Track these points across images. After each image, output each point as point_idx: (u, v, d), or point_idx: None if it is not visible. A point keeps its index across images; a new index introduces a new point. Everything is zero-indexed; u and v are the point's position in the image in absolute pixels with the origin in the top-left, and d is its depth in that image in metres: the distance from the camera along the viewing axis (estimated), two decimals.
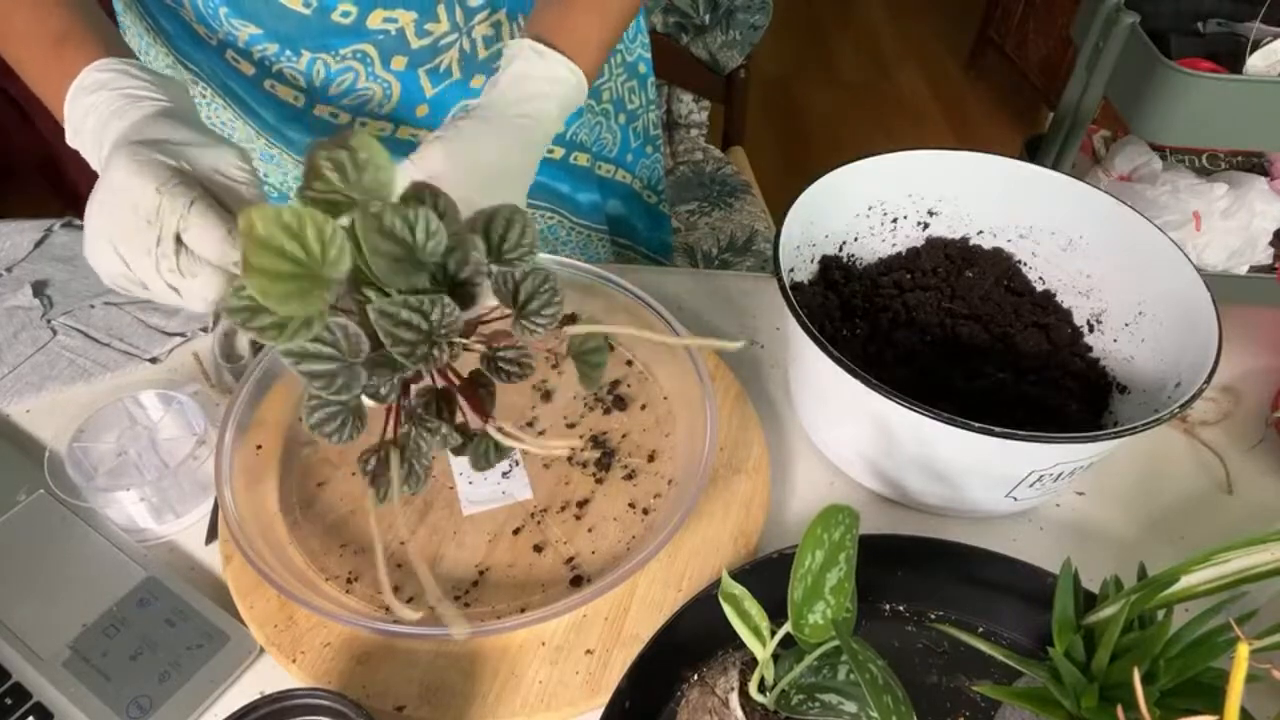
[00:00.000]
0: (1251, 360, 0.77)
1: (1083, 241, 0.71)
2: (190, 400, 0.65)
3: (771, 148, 2.44)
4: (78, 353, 0.73)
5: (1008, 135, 2.52)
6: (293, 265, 0.34)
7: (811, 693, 0.45)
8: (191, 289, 0.48)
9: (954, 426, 0.53)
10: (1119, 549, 0.65)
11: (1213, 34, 1.48)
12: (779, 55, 2.77)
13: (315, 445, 0.67)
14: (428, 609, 0.58)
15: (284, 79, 0.76)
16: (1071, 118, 1.60)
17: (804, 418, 0.70)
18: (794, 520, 0.65)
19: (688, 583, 0.59)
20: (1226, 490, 0.68)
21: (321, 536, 0.61)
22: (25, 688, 0.54)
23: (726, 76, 1.42)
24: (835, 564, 0.45)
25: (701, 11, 1.34)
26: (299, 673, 0.55)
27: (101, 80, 0.53)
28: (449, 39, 0.75)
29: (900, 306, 0.72)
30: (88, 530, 0.61)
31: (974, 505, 0.63)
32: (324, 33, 0.72)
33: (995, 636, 0.57)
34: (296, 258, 0.34)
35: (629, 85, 0.94)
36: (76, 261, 0.81)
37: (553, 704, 0.54)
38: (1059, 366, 0.69)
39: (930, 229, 0.76)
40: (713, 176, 1.42)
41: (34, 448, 0.67)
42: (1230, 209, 1.66)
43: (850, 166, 0.69)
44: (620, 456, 0.66)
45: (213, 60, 0.77)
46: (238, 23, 0.72)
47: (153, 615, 0.57)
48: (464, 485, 0.64)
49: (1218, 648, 0.44)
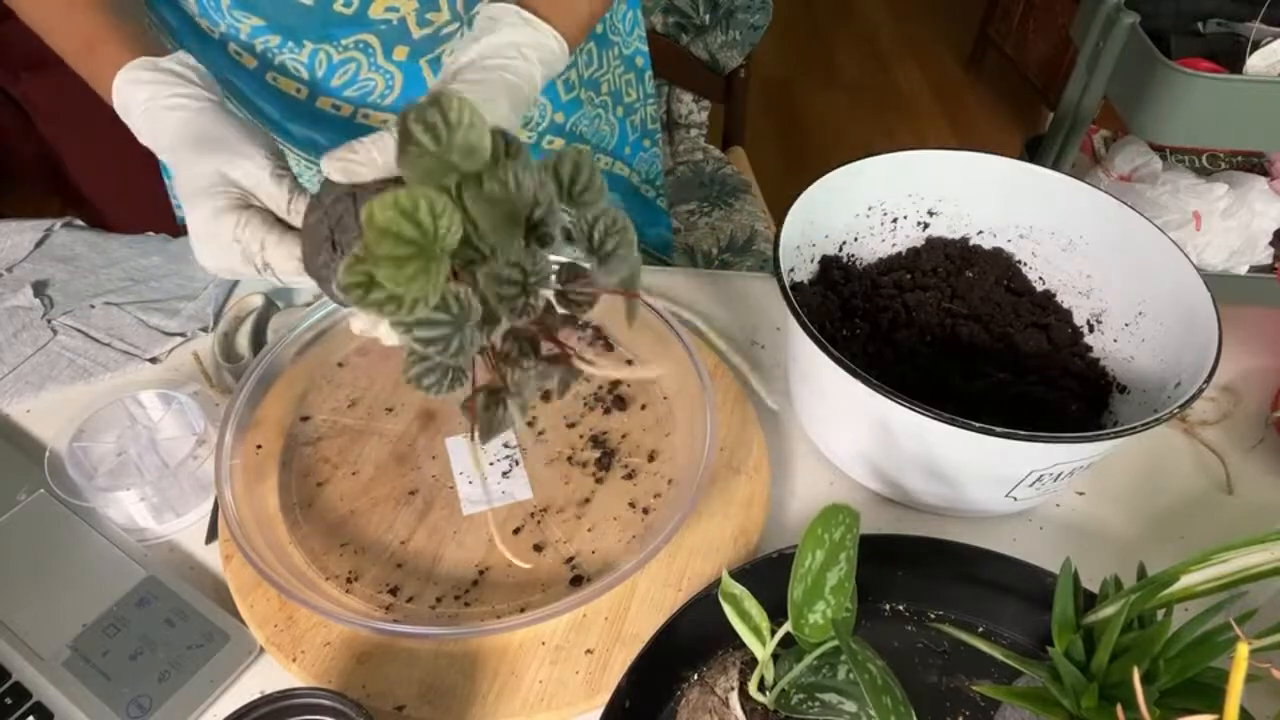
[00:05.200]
0: (1251, 360, 0.77)
1: (1083, 241, 0.71)
2: (190, 400, 0.65)
3: (771, 148, 2.44)
4: (78, 353, 0.73)
5: (1008, 135, 2.52)
6: (411, 247, 0.35)
7: (811, 692, 0.45)
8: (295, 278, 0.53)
9: (954, 426, 0.53)
10: (1119, 549, 0.65)
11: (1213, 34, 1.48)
12: (779, 55, 2.77)
13: (315, 445, 0.67)
14: (428, 610, 0.58)
15: (286, 71, 0.76)
16: (1071, 118, 1.60)
17: (804, 418, 0.70)
18: (794, 520, 0.65)
19: (688, 583, 0.59)
20: (1226, 490, 0.68)
21: (321, 536, 0.61)
22: (25, 687, 0.54)
23: (726, 76, 1.42)
24: (835, 564, 0.45)
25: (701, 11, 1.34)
26: (299, 673, 0.55)
27: (135, 78, 0.56)
28: (450, 28, 0.76)
29: (900, 306, 0.72)
30: (88, 530, 0.61)
31: (974, 505, 0.63)
32: (326, 23, 0.72)
33: (995, 636, 0.57)
34: (414, 239, 0.35)
35: (626, 78, 0.94)
36: (77, 261, 0.81)
37: (553, 704, 0.54)
38: (1059, 366, 0.69)
39: (930, 229, 0.76)
40: (713, 176, 1.42)
41: (34, 448, 0.67)
42: (1230, 209, 1.66)
43: (850, 166, 0.69)
44: (620, 456, 0.67)
45: (215, 54, 0.77)
46: (240, 15, 0.72)
47: (153, 615, 0.57)
48: (464, 485, 0.64)
49: (1217, 647, 0.44)
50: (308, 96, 0.78)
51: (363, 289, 0.35)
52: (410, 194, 0.35)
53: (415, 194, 0.35)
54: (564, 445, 0.67)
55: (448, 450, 0.67)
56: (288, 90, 0.78)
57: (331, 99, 0.78)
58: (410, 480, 0.65)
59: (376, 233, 0.34)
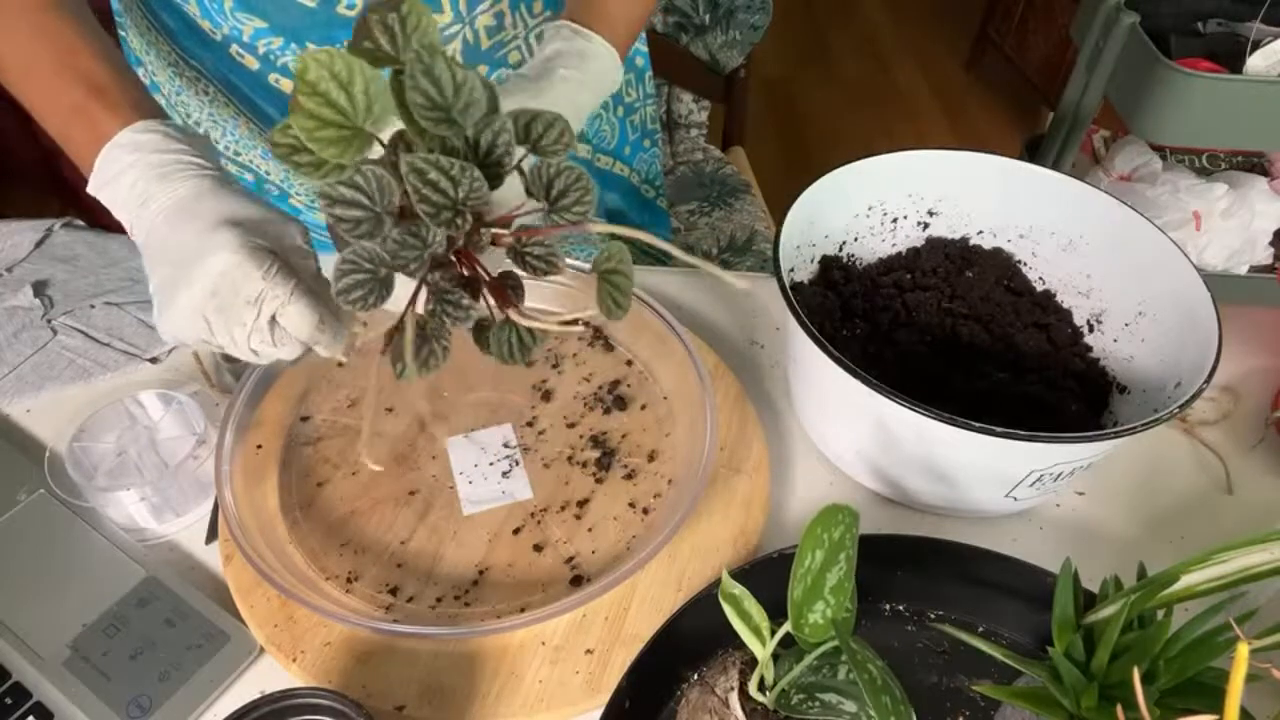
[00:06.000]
0: (1251, 360, 0.77)
1: (1083, 241, 0.71)
2: (190, 400, 0.65)
3: (771, 148, 2.44)
4: (78, 353, 0.73)
5: (1008, 135, 2.51)
6: (337, 114, 0.36)
7: (811, 692, 0.45)
8: (275, 354, 0.51)
9: (954, 426, 0.53)
10: (1119, 549, 0.65)
11: (1213, 34, 1.48)
12: (779, 55, 2.77)
13: (315, 445, 0.67)
14: (428, 610, 0.58)
15: (289, 73, 0.76)
16: (1071, 118, 1.60)
17: (804, 418, 0.70)
18: (794, 520, 0.65)
19: (688, 583, 0.59)
20: (1226, 490, 0.68)
21: (321, 536, 0.61)
22: (25, 687, 0.54)
23: (726, 76, 1.42)
24: (835, 564, 0.45)
25: (701, 11, 1.34)
26: (299, 672, 0.55)
27: (139, 142, 0.53)
28: (452, 29, 0.76)
29: (900, 306, 0.72)
30: (88, 530, 0.61)
31: (974, 505, 0.63)
32: (329, 25, 0.72)
33: (995, 636, 0.57)
34: (342, 107, 0.36)
35: (626, 78, 0.94)
36: (77, 261, 0.81)
37: (553, 704, 0.54)
38: (1059, 366, 0.69)
39: (930, 229, 0.76)
40: (713, 176, 1.42)
41: (34, 448, 0.67)
42: (1230, 209, 1.66)
43: (850, 166, 0.69)
44: (620, 456, 0.66)
45: (216, 57, 0.77)
46: (242, 17, 0.72)
47: (153, 615, 0.57)
48: (464, 485, 0.64)
49: (1217, 647, 0.44)
50: None
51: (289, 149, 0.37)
52: (349, 61, 0.36)
53: (354, 64, 0.36)
54: (564, 445, 0.67)
55: (448, 450, 0.67)
56: (290, 92, 0.78)
57: None
58: (410, 480, 0.65)
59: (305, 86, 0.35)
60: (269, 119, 0.81)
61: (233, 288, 0.48)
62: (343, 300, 0.40)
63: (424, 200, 0.39)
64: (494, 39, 0.78)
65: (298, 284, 0.49)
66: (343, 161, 0.37)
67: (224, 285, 0.48)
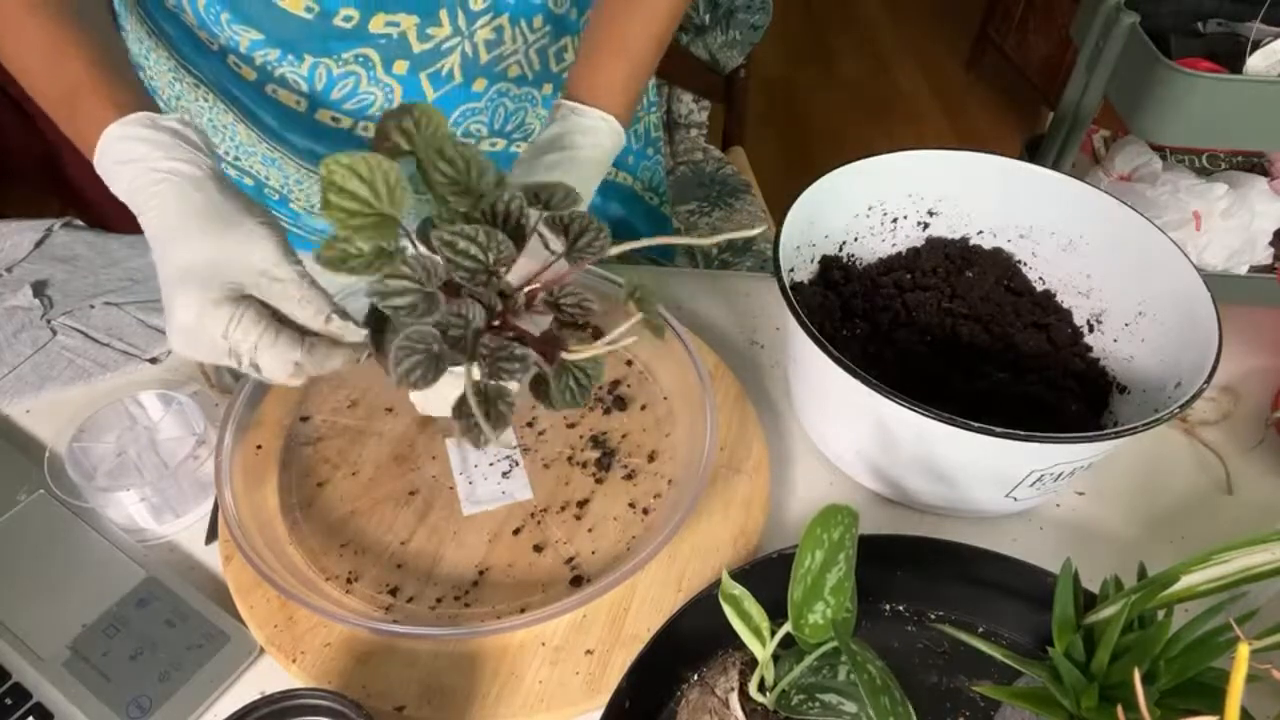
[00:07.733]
0: (1251, 360, 0.77)
1: (1083, 241, 0.71)
2: (190, 400, 0.65)
3: (771, 148, 2.43)
4: (77, 353, 0.73)
5: (1008, 135, 2.51)
6: (363, 205, 0.41)
7: (811, 693, 0.45)
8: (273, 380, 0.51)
9: (954, 426, 0.53)
10: (1119, 549, 0.65)
11: (1213, 34, 1.48)
12: (779, 55, 2.77)
13: (315, 445, 0.67)
14: (428, 610, 0.58)
15: (286, 84, 0.76)
16: (1071, 118, 1.60)
17: (804, 418, 0.70)
18: (794, 520, 0.65)
19: (688, 583, 0.59)
20: (1226, 490, 0.68)
21: (321, 536, 0.61)
22: (25, 688, 0.54)
23: (726, 76, 1.42)
24: (835, 564, 0.45)
25: (701, 11, 1.33)
26: (299, 673, 0.55)
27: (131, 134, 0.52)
28: (451, 43, 0.75)
29: (900, 306, 0.72)
30: (88, 530, 0.61)
31: (974, 505, 0.63)
32: (326, 37, 0.72)
33: (995, 636, 0.57)
34: (366, 199, 0.41)
35: None
36: (76, 261, 0.81)
37: (553, 704, 0.54)
38: (1059, 366, 0.69)
39: (930, 229, 0.76)
40: (713, 176, 1.42)
41: (34, 448, 0.67)
42: (1230, 209, 1.66)
43: (850, 166, 0.69)
44: (620, 456, 0.66)
45: (214, 65, 0.77)
46: (239, 28, 0.72)
47: (153, 615, 0.56)
48: (464, 485, 0.64)
49: (1218, 648, 0.44)
50: (307, 109, 0.78)
51: (339, 261, 0.42)
52: (368, 160, 0.41)
53: (372, 161, 0.41)
54: (564, 445, 0.67)
55: (448, 450, 0.67)
56: (287, 102, 0.77)
57: (331, 111, 0.78)
58: (410, 480, 0.65)
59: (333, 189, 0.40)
60: (266, 127, 0.81)
61: (207, 342, 0.49)
62: (403, 383, 0.42)
63: (459, 268, 0.43)
64: (493, 53, 0.78)
65: (266, 329, 0.48)
66: (381, 244, 0.43)
67: (196, 340, 0.49)
